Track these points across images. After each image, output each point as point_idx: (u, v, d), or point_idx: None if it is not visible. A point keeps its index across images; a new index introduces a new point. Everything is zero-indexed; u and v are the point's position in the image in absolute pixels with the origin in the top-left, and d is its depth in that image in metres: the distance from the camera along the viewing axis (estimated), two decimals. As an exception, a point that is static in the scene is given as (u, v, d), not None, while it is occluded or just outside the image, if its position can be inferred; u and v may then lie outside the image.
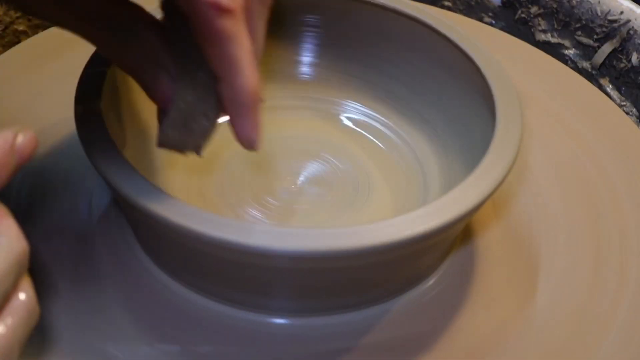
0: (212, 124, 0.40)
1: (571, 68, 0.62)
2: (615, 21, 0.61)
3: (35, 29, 0.63)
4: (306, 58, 0.56)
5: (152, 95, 0.40)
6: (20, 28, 0.63)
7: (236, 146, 0.52)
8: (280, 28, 0.54)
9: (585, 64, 0.64)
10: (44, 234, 0.46)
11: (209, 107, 0.39)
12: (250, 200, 0.49)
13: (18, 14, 0.63)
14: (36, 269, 0.32)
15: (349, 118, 0.55)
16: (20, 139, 0.33)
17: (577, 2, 0.63)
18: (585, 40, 0.64)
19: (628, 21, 0.61)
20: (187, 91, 0.39)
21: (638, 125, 0.59)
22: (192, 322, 0.42)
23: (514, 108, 0.45)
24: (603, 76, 0.63)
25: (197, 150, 0.40)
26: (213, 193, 0.49)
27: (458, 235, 0.47)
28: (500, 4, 0.69)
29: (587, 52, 0.64)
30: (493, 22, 0.70)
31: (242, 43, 0.37)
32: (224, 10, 0.35)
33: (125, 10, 0.39)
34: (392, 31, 0.53)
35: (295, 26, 0.54)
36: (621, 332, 0.43)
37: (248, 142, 0.40)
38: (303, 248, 0.36)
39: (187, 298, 0.43)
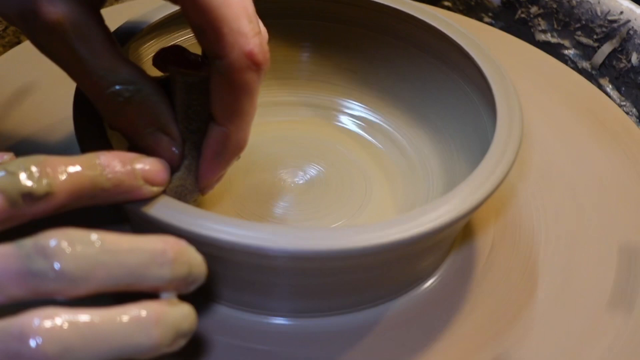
0: (197, 198, 0.41)
1: (571, 68, 0.62)
2: (615, 21, 0.61)
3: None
4: (306, 57, 0.56)
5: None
6: (21, 28, 0.63)
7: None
8: (280, 27, 0.54)
9: (585, 64, 0.64)
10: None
11: (193, 187, 0.41)
12: (249, 200, 0.49)
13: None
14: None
15: (349, 117, 0.55)
16: (148, 158, 0.36)
17: (577, 2, 0.63)
18: (585, 40, 0.64)
19: (628, 21, 0.61)
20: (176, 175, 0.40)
21: (638, 125, 0.59)
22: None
23: (514, 108, 0.45)
24: (603, 76, 0.63)
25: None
26: (211, 194, 0.49)
27: (458, 235, 0.47)
28: (500, 4, 0.69)
29: (587, 52, 0.64)
30: (493, 22, 0.70)
31: (256, 99, 0.38)
32: (256, 64, 0.36)
33: (126, 67, 0.38)
34: (393, 30, 0.53)
35: (295, 25, 0.54)
36: (622, 332, 0.43)
37: (206, 185, 0.41)
38: (303, 248, 0.36)
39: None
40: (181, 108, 0.40)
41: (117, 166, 0.35)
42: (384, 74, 0.55)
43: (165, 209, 0.37)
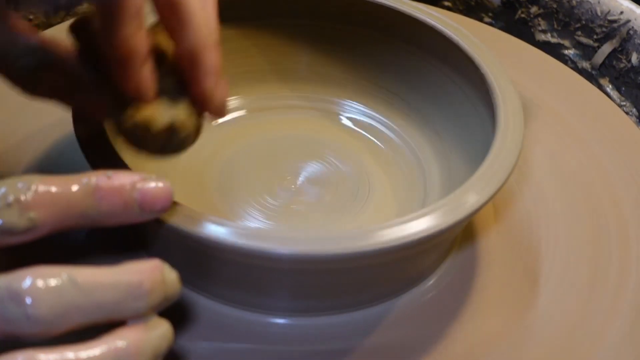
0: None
1: (571, 68, 0.62)
2: (615, 21, 0.61)
3: (36, 30, 0.63)
4: (306, 57, 0.56)
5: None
6: (21, 28, 0.63)
7: (235, 146, 0.52)
8: (281, 26, 0.54)
9: (585, 64, 0.64)
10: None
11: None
12: (249, 200, 0.49)
13: (19, 15, 0.63)
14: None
15: (349, 118, 0.55)
16: (148, 184, 0.33)
17: (577, 2, 0.63)
18: (585, 40, 0.64)
19: (628, 21, 0.61)
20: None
21: (638, 126, 0.59)
22: (192, 321, 0.42)
23: (515, 109, 0.45)
24: (603, 76, 0.63)
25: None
26: (212, 193, 0.49)
27: (458, 235, 0.47)
28: (500, 4, 0.69)
29: (587, 52, 0.64)
30: (493, 22, 0.70)
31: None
32: None
33: (24, 38, 0.37)
34: (393, 31, 0.53)
35: (296, 25, 0.54)
36: (622, 335, 0.43)
37: (131, 92, 0.37)
38: (304, 251, 0.36)
39: (187, 298, 0.43)
40: (90, 50, 0.39)
41: (114, 197, 0.33)
42: (385, 73, 0.55)
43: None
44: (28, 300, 0.28)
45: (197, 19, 0.37)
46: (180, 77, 0.39)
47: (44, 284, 0.29)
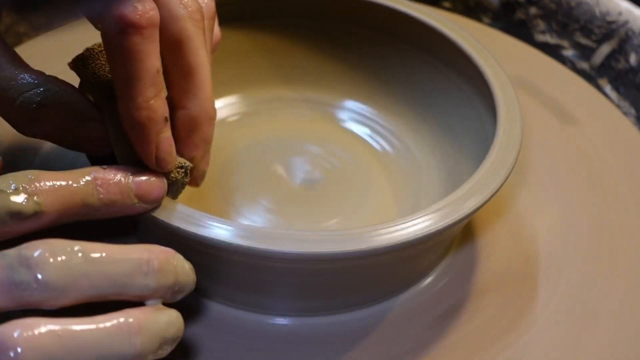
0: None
1: (570, 69, 0.62)
2: (613, 22, 0.62)
3: (37, 31, 0.63)
4: (307, 57, 0.56)
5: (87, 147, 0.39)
6: (22, 30, 0.63)
7: (235, 146, 0.53)
8: (282, 26, 0.55)
9: (584, 65, 0.64)
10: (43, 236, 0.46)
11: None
12: (249, 200, 0.49)
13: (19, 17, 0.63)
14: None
15: (349, 118, 0.56)
16: (142, 175, 0.35)
17: (575, 3, 0.64)
18: (583, 41, 0.64)
19: (626, 22, 0.61)
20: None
21: (636, 126, 0.60)
22: (193, 322, 0.42)
23: (514, 110, 0.45)
24: (602, 77, 0.63)
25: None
26: (211, 193, 0.49)
27: (457, 235, 0.47)
28: (499, 5, 0.69)
29: (586, 52, 0.64)
30: (492, 23, 0.70)
31: (146, 63, 0.35)
32: (130, 26, 0.33)
33: (29, 73, 0.37)
34: (393, 31, 0.53)
35: (297, 25, 0.55)
36: (620, 333, 0.43)
37: (150, 161, 0.37)
38: (304, 251, 0.37)
39: (189, 298, 0.43)
40: (93, 86, 0.39)
41: (111, 186, 0.34)
42: (385, 74, 0.55)
43: (168, 211, 0.37)
44: (38, 265, 0.29)
45: (207, 90, 0.38)
46: None
47: (54, 251, 0.30)
